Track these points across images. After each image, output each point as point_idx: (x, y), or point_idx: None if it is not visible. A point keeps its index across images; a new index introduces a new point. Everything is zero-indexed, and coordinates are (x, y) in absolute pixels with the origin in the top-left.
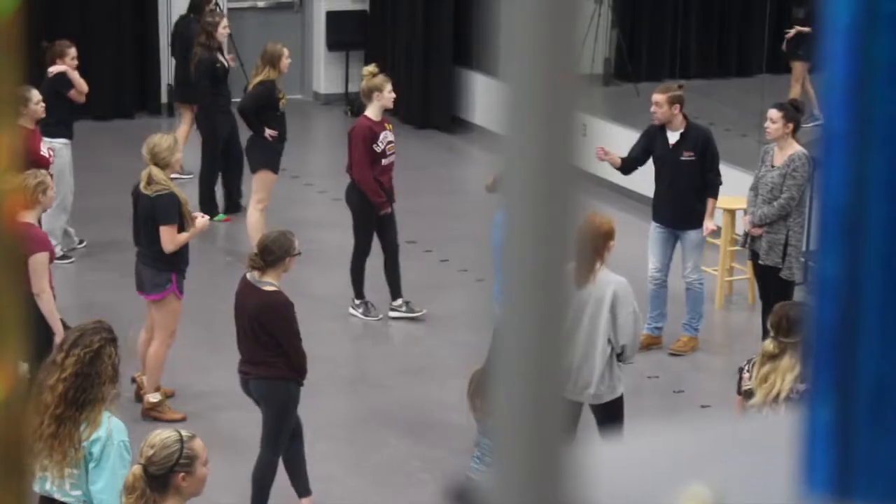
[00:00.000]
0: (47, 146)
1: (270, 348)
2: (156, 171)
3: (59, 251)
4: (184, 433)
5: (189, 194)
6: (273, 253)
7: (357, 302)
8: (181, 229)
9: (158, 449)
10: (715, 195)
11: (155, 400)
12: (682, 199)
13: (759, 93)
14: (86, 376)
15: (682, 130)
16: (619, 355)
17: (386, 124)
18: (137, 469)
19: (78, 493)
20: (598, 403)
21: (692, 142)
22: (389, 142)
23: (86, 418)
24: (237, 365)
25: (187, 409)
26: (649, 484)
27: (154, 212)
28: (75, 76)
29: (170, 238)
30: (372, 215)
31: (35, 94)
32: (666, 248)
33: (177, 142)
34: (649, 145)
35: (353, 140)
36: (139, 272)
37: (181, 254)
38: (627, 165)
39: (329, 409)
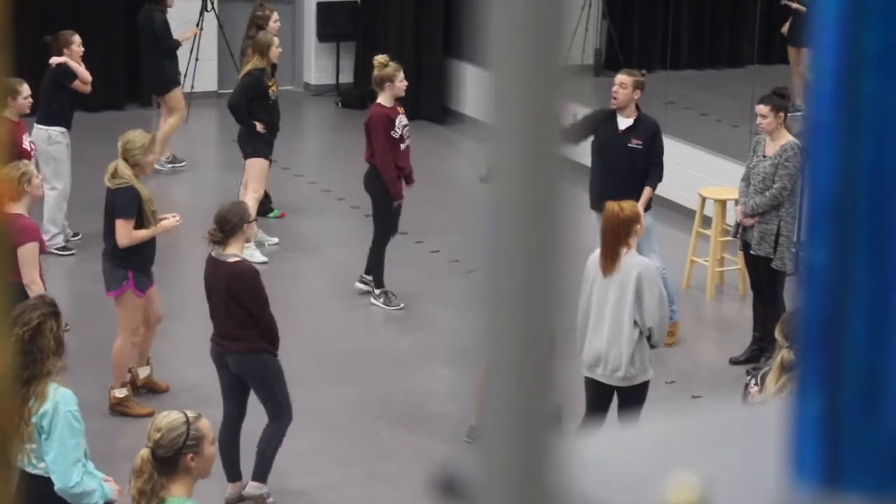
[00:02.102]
0: (29, 140)
1: (241, 320)
2: (122, 165)
3: (61, 241)
4: (189, 414)
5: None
6: (229, 221)
7: (377, 292)
8: (140, 226)
9: (165, 431)
10: (653, 185)
11: (121, 395)
12: (626, 185)
13: (750, 83)
14: (27, 353)
15: (633, 118)
16: (649, 339)
17: (398, 109)
18: (145, 452)
19: (43, 464)
20: (628, 386)
21: (642, 131)
22: (405, 125)
23: (33, 393)
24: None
25: (180, 403)
26: (639, 473)
27: (113, 204)
28: (78, 67)
29: (125, 233)
30: (392, 202)
31: (25, 89)
32: None
33: (153, 143)
34: (591, 132)
35: (373, 129)
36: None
37: (142, 252)
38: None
39: (320, 401)
